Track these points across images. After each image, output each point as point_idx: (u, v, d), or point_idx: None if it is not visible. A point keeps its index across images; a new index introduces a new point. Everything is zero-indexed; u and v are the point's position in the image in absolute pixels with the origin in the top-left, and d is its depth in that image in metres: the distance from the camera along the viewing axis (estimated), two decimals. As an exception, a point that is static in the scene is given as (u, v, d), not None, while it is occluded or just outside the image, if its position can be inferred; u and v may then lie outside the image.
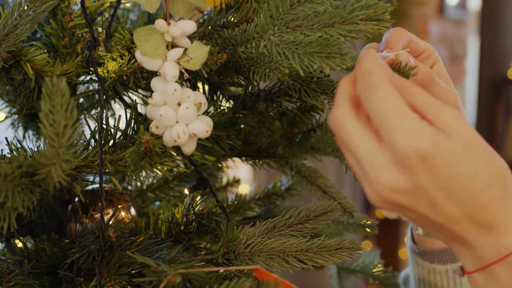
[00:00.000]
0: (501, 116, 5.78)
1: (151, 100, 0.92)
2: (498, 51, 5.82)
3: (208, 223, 1.07)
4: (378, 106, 0.80)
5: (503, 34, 5.84)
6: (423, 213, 0.82)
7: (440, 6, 4.45)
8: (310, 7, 0.86)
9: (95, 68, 1.00)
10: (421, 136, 0.78)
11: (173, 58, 0.92)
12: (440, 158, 0.78)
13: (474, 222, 0.82)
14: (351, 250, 1.03)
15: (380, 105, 0.80)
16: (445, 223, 0.83)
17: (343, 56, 0.84)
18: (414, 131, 0.78)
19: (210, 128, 0.93)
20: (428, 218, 0.83)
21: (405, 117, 0.79)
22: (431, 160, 0.78)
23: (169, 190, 1.31)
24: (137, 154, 0.93)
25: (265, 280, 0.90)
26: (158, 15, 1.20)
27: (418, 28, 4.24)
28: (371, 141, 0.81)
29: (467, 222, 0.82)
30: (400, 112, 0.79)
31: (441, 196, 0.80)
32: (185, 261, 0.95)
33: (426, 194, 0.80)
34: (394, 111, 0.79)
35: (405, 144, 0.78)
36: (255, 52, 0.93)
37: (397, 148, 0.78)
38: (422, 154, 0.78)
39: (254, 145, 1.25)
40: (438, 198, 0.80)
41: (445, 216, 0.82)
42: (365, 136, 0.82)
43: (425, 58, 1.07)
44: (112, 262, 0.99)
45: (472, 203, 0.81)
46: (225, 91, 1.19)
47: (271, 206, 1.36)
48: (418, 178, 0.79)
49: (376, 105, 0.81)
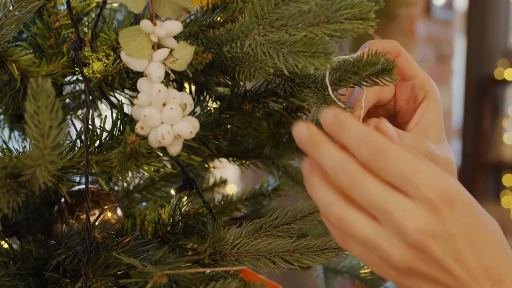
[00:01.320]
0: (488, 115, 5.80)
1: (137, 100, 0.91)
2: (484, 51, 5.84)
3: (195, 223, 1.07)
4: (397, 166, 0.78)
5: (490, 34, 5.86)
6: (449, 266, 0.78)
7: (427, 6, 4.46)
8: (295, 6, 0.86)
9: (80, 69, 0.99)
10: (445, 181, 0.77)
11: (158, 59, 0.91)
12: (464, 203, 0.78)
13: (489, 276, 0.79)
14: (338, 251, 1.03)
15: (398, 164, 0.78)
16: (465, 278, 0.79)
17: (328, 55, 0.84)
18: (438, 177, 0.77)
19: (195, 129, 0.93)
20: (451, 273, 0.79)
21: (424, 167, 0.78)
22: (456, 204, 0.77)
23: (155, 190, 1.31)
24: (123, 155, 0.93)
25: (251, 281, 0.90)
26: (145, 15, 1.20)
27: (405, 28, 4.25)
28: (395, 196, 0.78)
29: (483, 276, 0.79)
30: (418, 164, 0.78)
31: (466, 245, 0.78)
32: (172, 262, 0.94)
33: (454, 241, 0.77)
34: (413, 165, 0.77)
35: (432, 190, 0.76)
36: (240, 52, 0.93)
37: (426, 195, 0.76)
38: (449, 198, 0.77)
39: (240, 146, 1.25)
40: (464, 247, 0.78)
41: (466, 269, 0.79)
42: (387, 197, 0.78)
43: (415, 87, 1.03)
44: (98, 263, 0.98)
45: (488, 253, 0.79)
46: (211, 92, 1.19)
47: (258, 206, 1.36)
48: (449, 224, 0.77)
49: (394, 167, 0.78)
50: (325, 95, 0.97)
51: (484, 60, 5.84)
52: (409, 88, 1.04)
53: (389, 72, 0.94)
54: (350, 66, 0.93)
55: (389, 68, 0.94)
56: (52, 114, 0.78)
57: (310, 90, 1.00)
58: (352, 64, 0.93)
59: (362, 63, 0.91)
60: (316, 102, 0.99)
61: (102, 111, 1.26)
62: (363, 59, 0.91)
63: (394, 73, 0.94)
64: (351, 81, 0.95)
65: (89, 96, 0.99)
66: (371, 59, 0.90)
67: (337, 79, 0.95)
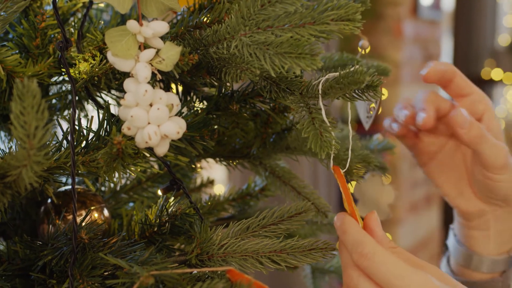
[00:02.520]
0: (475, 115, 5.81)
1: (123, 101, 0.91)
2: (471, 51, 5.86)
3: (182, 224, 1.07)
4: (381, 272, 0.86)
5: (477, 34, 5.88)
6: None
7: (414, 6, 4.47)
8: (281, 7, 0.86)
9: (67, 69, 0.99)
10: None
11: (145, 59, 0.91)
12: None
13: None
14: (325, 251, 1.03)
15: (383, 270, 0.86)
16: None
17: (314, 57, 0.84)
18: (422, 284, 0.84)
19: (182, 129, 0.92)
20: None
21: (410, 274, 0.84)
22: None
23: (142, 191, 1.31)
24: (109, 155, 0.92)
25: (238, 281, 0.90)
26: (132, 15, 1.20)
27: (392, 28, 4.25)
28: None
29: None
30: (403, 271, 0.85)
31: None
32: (158, 262, 0.94)
33: None
34: (398, 272, 0.85)
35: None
36: (226, 53, 0.93)
37: None
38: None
39: (228, 146, 1.24)
40: None
41: None
42: None
43: (474, 102, 1.10)
44: (84, 264, 0.98)
45: None
46: (198, 92, 1.19)
47: (245, 207, 1.36)
48: None
49: (378, 271, 0.86)
50: (310, 106, 0.97)
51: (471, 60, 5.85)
52: (469, 103, 1.13)
53: (374, 89, 0.94)
54: (335, 82, 0.94)
55: (374, 84, 0.94)
56: (38, 114, 0.78)
57: (295, 98, 1.00)
58: (337, 80, 0.93)
59: (348, 80, 0.91)
60: (298, 111, 0.99)
61: (88, 111, 1.26)
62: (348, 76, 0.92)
63: (379, 90, 0.95)
64: (336, 95, 0.96)
65: (75, 96, 0.99)
66: (356, 77, 0.91)
67: (322, 92, 0.96)
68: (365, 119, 1.27)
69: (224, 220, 1.33)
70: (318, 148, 0.95)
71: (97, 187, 1.29)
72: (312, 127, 0.96)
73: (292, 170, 1.26)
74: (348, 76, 0.92)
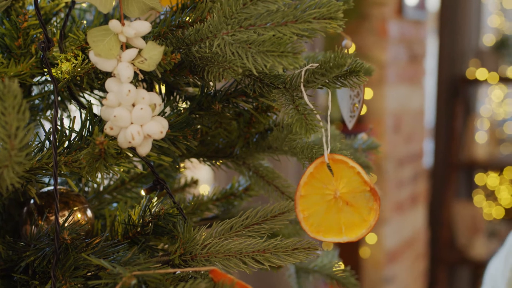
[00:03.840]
0: (460, 115, 5.83)
1: (106, 101, 0.91)
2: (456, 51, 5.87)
3: (165, 224, 1.07)
4: None
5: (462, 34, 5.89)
6: None
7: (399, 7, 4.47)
8: (263, 6, 0.86)
9: (49, 69, 0.99)
10: None
11: (127, 59, 0.91)
12: None
13: None
14: (308, 250, 1.03)
15: None
16: None
17: (296, 55, 0.84)
18: None
19: (165, 129, 0.92)
20: None
21: None
22: None
23: (126, 191, 1.30)
24: (91, 155, 0.92)
25: (220, 281, 0.90)
26: (115, 15, 1.19)
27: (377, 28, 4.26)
28: None
29: None
30: None
31: None
32: (141, 262, 0.94)
33: None
34: None
35: None
36: (209, 52, 0.93)
37: None
38: None
39: (211, 146, 1.24)
40: None
41: None
42: None
43: None
44: (67, 264, 0.98)
45: None
46: (181, 92, 1.19)
47: (229, 206, 1.36)
48: None
49: None
50: (293, 96, 0.97)
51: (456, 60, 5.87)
52: None
53: (357, 74, 0.94)
54: (318, 68, 0.94)
55: (356, 69, 0.94)
56: (19, 115, 0.77)
57: (279, 91, 1.00)
58: (320, 65, 0.93)
59: (329, 64, 0.91)
60: (284, 103, 0.99)
61: (71, 111, 1.26)
62: (330, 61, 0.91)
63: (361, 74, 0.95)
64: (319, 82, 0.96)
65: (57, 96, 0.98)
66: (338, 60, 0.91)
67: (305, 80, 0.96)
68: (348, 119, 1.27)
69: (208, 220, 1.33)
70: (304, 131, 0.95)
71: (80, 187, 1.28)
72: (296, 112, 0.96)
73: (275, 169, 1.26)
74: (330, 60, 0.92)
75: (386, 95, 4.36)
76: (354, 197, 1.00)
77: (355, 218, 1.01)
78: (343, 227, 1.01)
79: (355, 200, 1.00)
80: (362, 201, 1.00)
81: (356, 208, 1.01)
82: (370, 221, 1.00)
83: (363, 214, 1.00)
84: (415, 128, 5.00)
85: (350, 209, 1.01)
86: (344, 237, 1.01)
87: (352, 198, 1.00)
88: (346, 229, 1.01)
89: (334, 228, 1.01)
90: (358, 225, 1.01)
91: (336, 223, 1.01)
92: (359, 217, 1.01)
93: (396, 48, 4.47)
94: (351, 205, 1.01)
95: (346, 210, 1.01)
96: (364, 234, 1.01)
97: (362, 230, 1.01)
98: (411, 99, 4.83)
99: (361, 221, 1.01)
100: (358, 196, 1.00)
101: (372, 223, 1.00)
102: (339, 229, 1.01)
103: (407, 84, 4.69)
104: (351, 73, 0.95)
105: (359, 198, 1.00)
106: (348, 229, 1.01)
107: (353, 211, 1.01)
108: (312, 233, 1.01)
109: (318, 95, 2.77)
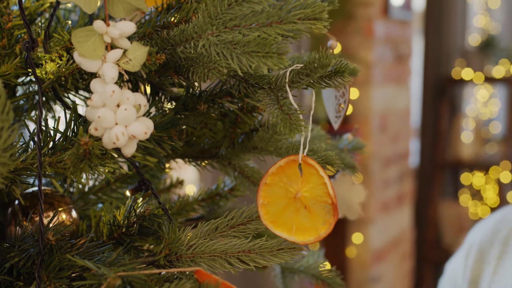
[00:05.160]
0: (445, 115, 5.86)
1: (90, 101, 0.91)
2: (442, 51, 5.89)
3: (150, 225, 1.06)
4: None
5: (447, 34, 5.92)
6: None
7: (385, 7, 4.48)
8: (248, 6, 0.86)
9: (33, 69, 0.99)
10: None
11: (112, 60, 0.91)
12: None
13: None
14: (293, 251, 1.03)
15: None
16: None
17: (281, 56, 0.84)
18: None
19: (150, 130, 0.92)
20: None
21: None
22: None
23: (111, 192, 1.30)
24: (76, 156, 0.92)
25: (205, 282, 0.90)
26: (100, 15, 1.19)
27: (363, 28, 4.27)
28: None
29: None
30: None
31: None
32: (126, 263, 0.94)
33: None
34: None
35: None
36: (194, 52, 0.93)
37: None
38: None
39: (196, 146, 1.24)
40: None
41: None
42: None
43: None
44: (51, 265, 0.97)
45: None
46: (167, 92, 1.19)
47: (215, 207, 1.36)
48: None
49: None
50: (278, 96, 0.98)
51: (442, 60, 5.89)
52: None
53: (342, 74, 0.94)
54: (303, 68, 0.94)
55: (341, 70, 0.94)
56: (4, 115, 0.77)
57: (264, 91, 1.01)
58: (304, 66, 0.94)
59: (314, 65, 0.91)
60: (269, 103, 0.99)
61: (56, 112, 1.25)
62: (315, 61, 0.92)
63: (346, 75, 0.95)
64: (303, 82, 0.96)
65: (41, 97, 0.98)
66: (323, 60, 0.91)
67: (289, 81, 0.96)
68: (334, 119, 1.27)
69: (193, 220, 1.33)
70: (288, 130, 0.95)
71: (65, 188, 1.28)
72: (281, 112, 0.96)
73: (261, 170, 1.26)
74: (315, 61, 0.92)
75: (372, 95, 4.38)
76: (314, 204, 1.00)
77: (308, 224, 1.01)
78: (293, 227, 1.01)
79: (314, 207, 1.00)
80: (320, 210, 1.00)
81: (313, 215, 1.01)
82: (321, 232, 1.00)
83: (316, 222, 1.00)
84: (401, 128, 5.02)
85: (307, 214, 1.01)
86: (292, 237, 1.01)
87: (312, 204, 1.00)
88: (296, 230, 1.01)
89: (286, 224, 1.01)
90: (308, 231, 1.01)
91: (290, 221, 1.01)
92: (312, 224, 1.01)
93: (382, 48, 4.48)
94: (308, 210, 1.01)
95: (303, 213, 1.01)
96: (311, 241, 1.01)
97: (311, 237, 1.01)
98: (397, 99, 4.84)
99: (312, 228, 1.01)
100: (318, 205, 1.01)
101: (323, 235, 1.00)
102: (290, 227, 1.01)
103: (393, 84, 4.71)
104: (336, 74, 0.95)
105: (319, 207, 1.01)
106: (298, 231, 1.01)
107: (308, 216, 1.01)
108: (265, 220, 1.01)
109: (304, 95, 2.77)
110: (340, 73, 0.95)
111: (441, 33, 5.86)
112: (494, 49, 6.21)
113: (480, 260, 1.84)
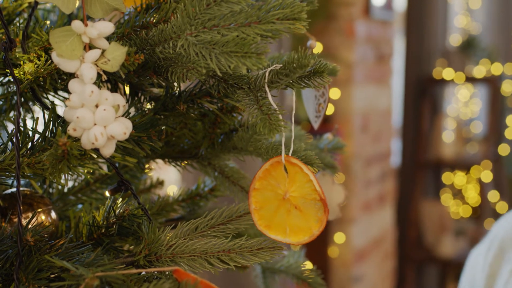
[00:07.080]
0: (427, 114, 5.87)
1: (69, 102, 0.91)
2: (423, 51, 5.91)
3: (130, 225, 1.06)
4: None
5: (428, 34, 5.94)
6: None
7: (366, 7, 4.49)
8: (226, 6, 0.86)
9: (11, 70, 0.98)
10: None
11: (90, 60, 0.91)
12: None
13: None
14: (273, 250, 1.03)
15: None
16: None
17: (260, 56, 0.84)
18: None
19: (128, 130, 0.92)
20: None
21: None
22: None
23: (91, 192, 1.30)
24: (54, 156, 0.92)
25: (184, 281, 0.90)
26: (79, 16, 1.19)
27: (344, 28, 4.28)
28: None
29: None
30: None
31: None
32: (105, 263, 0.94)
33: None
34: None
35: None
36: (173, 52, 0.93)
37: None
38: None
39: (176, 147, 1.24)
40: None
41: None
42: None
43: None
44: (30, 266, 0.97)
45: None
46: (146, 93, 1.18)
47: (195, 207, 1.36)
48: None
49: None
50: (258, 97, 0.98)
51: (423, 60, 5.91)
52: None
53: (321, 74, 0.94)
54: (282, 69, 0.94)
55: (320, 70, 0.94)
56: (-20, 116, 0.77)
57: (243, 92, 1.01)
58: (283, 66, 0.94)
59: (293, 65, 0.92)
60: (249, 103, 0.99)
61: (35, 113, 1.25)
62: (294, 62, 0.92)
63: (325, 75, 0.95)
64: (282, 83, 0.96)
65: (20, 97, 0.98)
66: (302, 61, 0.91)
67: (269, 81, 0.96)
68: (314, 119, 1.27)
69: (174, 220, 1.33)
70: (268, 130, 0.95)
71: (45, 189, 1.28)
72: (260, 112, 0.96)
73: (241, 170, 1.27)
74: (294, 61, 0.92)
75: (354, 95, 4.38)
76: (304, 203, 1.01)
77: (301, 223, 1.01)
78: (287, 229, 1.01)
79: (304, 206, 1.01)
80: (312, 209, 1.01)
81: (305, 214, 1.01)
82: (314, 230, 1.00)
83: (310, 221, 1.01)
84: (382, 127, 5.03)
85: (298, 214, 1.01)
86: (287, 239, 1.01)
87: (301, 204, 1.01)
88: (290, 231, 1.01)
89: (280, 227, 1.01)
90: (302, 231, 1.01)
91: (283, 223, 1.01)
92: (305, 223, 1.01)
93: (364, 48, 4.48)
94: (299, 209, 1.01)
95: (294, 213, 1.01)
96: (305, 241, 1.01)
97: (305, 237, 1.01)
98: (378, 99, 4.85)
99: (306, 227, 1.01)
100: (308, 203, 1.01)
101: (316, 233, 1.00)
102: (284, 229, 1.01)
103: (375, 84, 4.72)
104: (315, 74, 0.95)
105: (309, 205, 1.01)
106: (292, 231, 1.01)
107: (300, 216, 1.01)
108: (260, 226, 1.01)
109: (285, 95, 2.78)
110: (319, 73, 0.95)
111: (422, 33, 5.88)
112: (475, 49, 6.23)
113: (500, 256, 1.84)
